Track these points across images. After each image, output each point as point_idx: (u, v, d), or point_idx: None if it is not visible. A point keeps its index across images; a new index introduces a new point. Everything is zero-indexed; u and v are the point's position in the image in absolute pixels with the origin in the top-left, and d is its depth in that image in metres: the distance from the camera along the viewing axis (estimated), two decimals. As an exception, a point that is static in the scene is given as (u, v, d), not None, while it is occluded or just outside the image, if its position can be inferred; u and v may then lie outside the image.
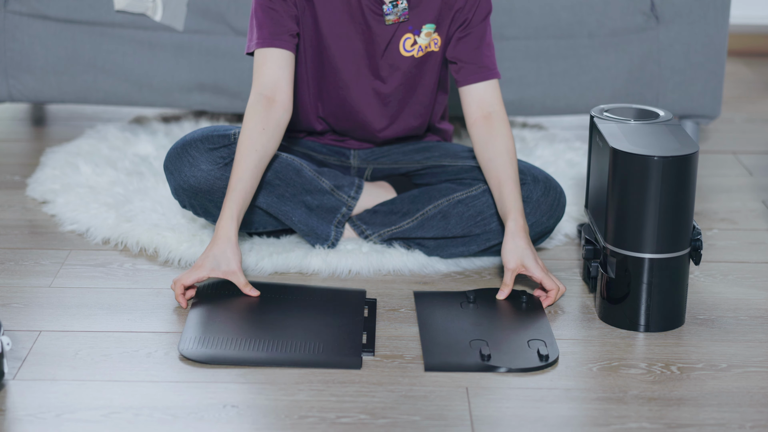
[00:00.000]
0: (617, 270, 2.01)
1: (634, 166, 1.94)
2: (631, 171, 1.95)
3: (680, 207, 1.96)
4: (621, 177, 1.97)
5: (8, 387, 1.80)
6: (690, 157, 1.95)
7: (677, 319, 2.03)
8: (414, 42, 2.23)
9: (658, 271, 1.98)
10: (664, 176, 1.93)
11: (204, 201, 2.21)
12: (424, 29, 2.22)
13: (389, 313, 2.08)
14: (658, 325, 2.01)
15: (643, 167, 1.94)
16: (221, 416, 1.73)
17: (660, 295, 1.99)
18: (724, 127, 3.19)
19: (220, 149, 2.19)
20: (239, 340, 1.94)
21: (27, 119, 3.15)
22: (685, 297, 2.03)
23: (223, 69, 2.82)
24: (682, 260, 2.00)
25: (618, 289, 2.01)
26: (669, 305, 2.01)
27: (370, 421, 1.73)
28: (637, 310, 2.01)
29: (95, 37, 2.81)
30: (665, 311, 2.01)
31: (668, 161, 1.93)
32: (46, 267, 2.24)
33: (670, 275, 1.99)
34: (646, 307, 2.00)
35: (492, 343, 1.95)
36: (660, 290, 1.99)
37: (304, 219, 2.26)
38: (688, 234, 1.99)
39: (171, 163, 2.21)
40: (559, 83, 2.83)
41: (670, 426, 1.73)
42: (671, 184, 1.94)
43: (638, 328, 2.01)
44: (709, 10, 2.78)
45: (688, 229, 1.99)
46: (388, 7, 2.18)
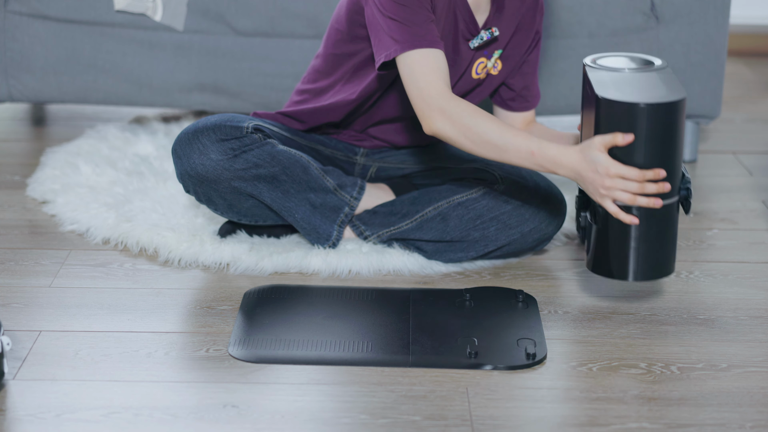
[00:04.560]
0: (606, 218, 1.97)
1: (620, 113, 1.90)
2: (617, 119, 1.91)
3: (668, 155, 1.92)
4: (607, 125, 1.92)
5: (8, 387, 1.80)
6: (677, 104, 1.90)
7: (665, 268, 1.99)
8: (485, 66, 2.24)
9: (646, 219, 1.94)
10: (651, 123, 1.89)
11: (209, 189, 2.21)
12: (495, 54, 2.24)
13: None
14: (646, 273, 1.97)
15: (629, 115, 1.90)
16: (221, 416, 1.74)
17: (648, 244, 1.95)
18: (724, 127, 3.19)
19: (232, 141, 2.19)
20: (288, 341, 1.96)
21: (27, 119, 3.15)
22: (674, 246, 1.99)
23: (223, 69, 2.82)
24: (671, 208, 1.95)
25: (607, 238, 1.98)
26: (657, 254, 1.97)
27: (370, 421, 1.73)
28: (626, 259, 1.96)
29: (95, 37, 2.81)
30: (654, 260, 1.97)
31: (654, 108, 1.89)
32: (46, 267, 2.24)
33: (659, 223, 1.95)
34: (635, 256, 1.96)
35: (481, 340, 1.96)
36: (648, 238, 1.95)
37: (307, 217, 2.26)
38: (677, 182, 1.95)
39: (180, 147, 2.20)
40: (559, 83, 2.83)
41: (670, 426, 1.73)
42: (658, 132, 1.90)
43: (626, 276, 1.97)
44: (709, 10, 2.78)
45: (677, 176, 1.95)
46: (487, 35, 2.19)
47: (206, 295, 2.15)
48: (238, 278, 2.21)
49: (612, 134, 1.90)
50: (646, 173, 1.89)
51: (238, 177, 2.19)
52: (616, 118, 1.91)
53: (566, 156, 1.95)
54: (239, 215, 2.27)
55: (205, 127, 2.20)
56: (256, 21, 2.79)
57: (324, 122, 2.32)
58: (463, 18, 2.17)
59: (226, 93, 2.84)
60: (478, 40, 2.19)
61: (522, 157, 1.98)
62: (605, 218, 1.97)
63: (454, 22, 2.17)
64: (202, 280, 2.20)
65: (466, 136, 2.01)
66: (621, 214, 1.92)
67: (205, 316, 2.06)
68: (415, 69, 2.04)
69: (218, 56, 2.82)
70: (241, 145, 2.19)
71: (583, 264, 2.30)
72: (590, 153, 1.91)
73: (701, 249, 2.38)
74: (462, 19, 2.17)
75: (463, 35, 2.19)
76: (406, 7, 2.05)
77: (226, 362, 1.90)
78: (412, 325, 2.02)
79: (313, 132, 2.37)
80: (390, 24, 2.05)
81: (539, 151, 1.97)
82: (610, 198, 1.91)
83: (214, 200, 2.24)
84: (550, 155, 1.97)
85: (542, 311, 2.10)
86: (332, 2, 2.75)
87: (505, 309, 2.09)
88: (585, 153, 1.93)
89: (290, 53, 2.81)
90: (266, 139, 2.21)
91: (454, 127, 2.01)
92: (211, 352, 1.93)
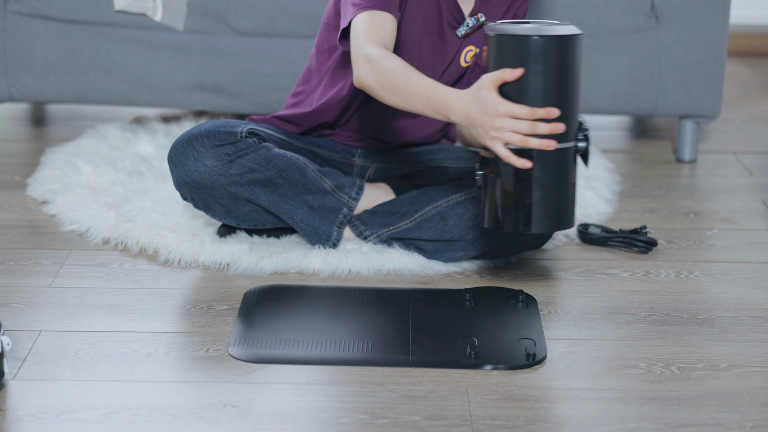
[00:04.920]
0: (498, 167, 1.89)
1: (509, 48, 1.83)
2: (507, 55, 1.83)
3: (561, 93, 1.84)
4: (497, 62, 1.85)
5: (8, 387, 1.80)
6: (569, 38, 1.83)
7: (563, 220, 1.92)
8: (474, 54, 2.24)
9: (540, 164, 1.86)
10: (541, 57, 1.82)
11: (205, 196, 2.21)
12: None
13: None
14: (542, 224, 1.90)
15: (519, 49, 1.82)
16: (221, 416, 1.74)
17: (543, 191, 1.87)
18: (724, 127, 3.19)
19: (226, 146, 2.19)
20: (288, 341, 1.96)
21: (27, 119, 3.15)
22: (573, 197, 1.92)
23: (223, 69, 2.82)
24: (567, 153, 1.88)
25: (500, 187, 1.91)
26: (554, 203, 1.89)
27: (370, 421, 1.73)
28: (521, 208, 1.89)
29: (95, 37, 2.81)
30: (550, 209, 1.89)
31: (545, 41, 1.81)
32: (46, 267, 2.24)
33: (554, 169, 1.87)
34: (530, 204, 1.88)
35: (481, 340, 1.96)
36: (542, 185, 1.87)
37: (306, 218, 2.26)
38: (572, 126, 1.88)
39: (176, 155, 2.21)
40: (559, 83, 2.83)
41: (670, 426, 1.73)
42: (550, 67, 1.82)
43: (522, 227, 1.90)
44: (709, 10, 2.78)
45: (572, 119, 1.86)
46: (472, 21, 2.19)
47: (206, 295, 2.15)
48: (238, 278, 2.21)
49: (500, 70, 1.82)
50: (537, 111, 1.81)
51: (234, 182, 2.19)
52: (506, 54, 1.84)
53: (457, 99, 1.87)
54: (237, 220, 2.27)
55: (199, 134, 2.20)
56: (256, 21, 2.79)
57: (319, 123, 2.33)
58: (447, 5, 2.17)
59: (226, 93, 2.84)
60: (465, 27, 2.19)
61: (422, 103, 1.90)
62: (498, 167, 1.89)
63: (437, 9, 2.17)
64: (202, 280, 2.20)
65: (380, 83, 1.95)
66: (512, 157, 1.83)
67: (205, 316, 2.06)
68: (358, 26, 2.03)
69: (218, 56, 2.82)
70: (236, 150, 2.19)
71: (583, 264, 2.30)
72: (479, 93, 1.84)
73: (701, 249, 2.39)
74: (446, 6, 2.17)
75: (449, 23, 2.19)
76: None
77: (226, 362, 1.90)
78: (412, 325, 2.02)
79: (309, 134, 2.37)
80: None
81: (434, 95, 1.89)
82: (501, 141, 1.83)
83: (212, 206, 2.23)
84: (443, 98, 1.88)
85: (542, 311, 2.10)
86: (332, 2, 2.75)
87: (505, 309, 2.09)
88: (474, 93, 1.84)
89: (290, 53, 2.81)
90: (261, 143, 2.21)
91: (372, 75, 1.96)
92: (211, 352, 1.93)
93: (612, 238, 2.37)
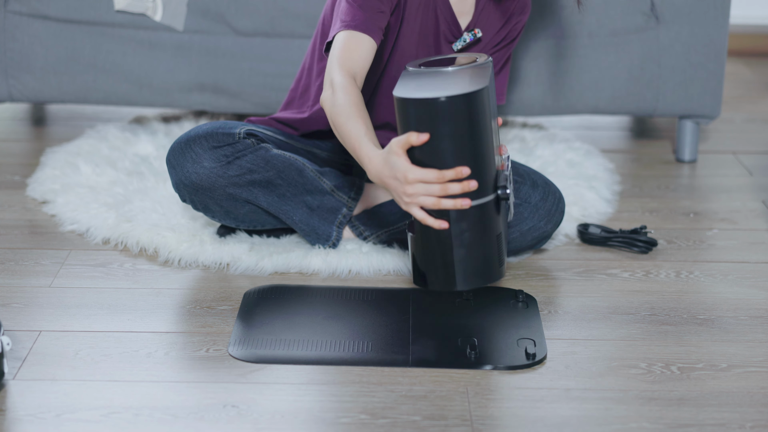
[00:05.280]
0: (420, 227, 1.86)
1: (413, 111, 1.79)
2: (412, 117, 1.79)
3: (471, 150, 1.80)
4: (404, 125, 1.82)
5: (8, 387, 1.80)
6: (469, 96, 1.78)
7: (490, 273, 1.88)
8: None
9: (457, 222, 1.82)
10: (443, 119, 1.77)
11: (204, 197, 2.21)
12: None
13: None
14: (468, 281, 1.87)
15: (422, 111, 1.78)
16: (221, 416, 1.74)
17: (465, 249, 1.84)
18: (724, 127, 3.19)
19: (224, 147, 2.19)
20: (288, 341, 1.96)
21: (27, 119, 3.15)
22: (499, 249, 1.89)
23: (223, 69, 2.82)
24: (485, 208, 1.84)
25: (423, 246, 1.87)
26: (478, 259, 1.86)
27: (370, 421, 1.73)
28: (445, 267, 1.86)
29: (95, 37, 2.81)
30: (475, 265, 1.86)
31: (445, 102, 1.76)
32: (46, 267, 2.24)
33: (474, 225, 1.84)
34: (453, 263, 1.85)
35: (481, 340, 1.96)
36: (463, 243, 1.84)
37: (305, 219, 2.26)
38: (488, 179, 1.84)
39: (174, 157, 2.21)
40: (559, 83, 2.83)
41: (670, 426, 1.73)
42: (455, 127, 1.78)
43: (448, 286, 1.87)
44: (709, 10, 2.78)
45: (487, 173, 1.83)
46: (470, 36, 2.19)
47: (206, 295, 2.15)
48: (238, 278, 2.21)
49: (407, 134, 1.79)
50: (446, 173, 1.79)
51: (232, 183, 2.19)
52: (410, 116, 1.80)
53: (372, 160, 1.86)
54: (237, 221, 2.27)
55: (197, 136, 2.20)
56: (256, 21, 2.79)
57: (315, 129, 2.33)
58: (444, 18, 2.17)
59: (226, 93, 2.84)
60: (461, 42, 2.20)
61: (350, 149, 1.90)
62: (419, 227, 1.87)
63: (435, 22, 2.17)
64: (202, 280, 2.20)
65: (330, 113, 1.96)
66: (429, 219, 1.81)
67: (205, 316, 2.06)
68: (338, 45, 2.04)
69: (218, 56, 2.82)
70: (234, 152, 2.19)
71: (583, 264, 2.30)
72: (390, 158, 1.81)
73: (701, 249, 2.39)
74: (443, 19, 2.17)
75: (445, 36, 2.19)
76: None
77: (226, 362, 1.90)
78: (412, 325, 2.02)
79: (307, 136, 2.37)
80: (344, 7, 2.08)
81: (358, 149, 1.88)
82: (416, 204, 1.82)
83: (211, 208, 2.23)
84: (361, 156, 1.88)
85: (542, 311, 2.10)
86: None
87: (505, 309, 2.09)
88: (386, 158, 1.82)
89: (290, 53, 2.81)
90: (260, 144, 2.21)
91: (329, 102, 1.97)
92: (211, 352, 1.93)
93: (612, 238, 2.37)
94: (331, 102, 1.97)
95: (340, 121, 1.93)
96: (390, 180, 1.83)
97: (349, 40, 2.04)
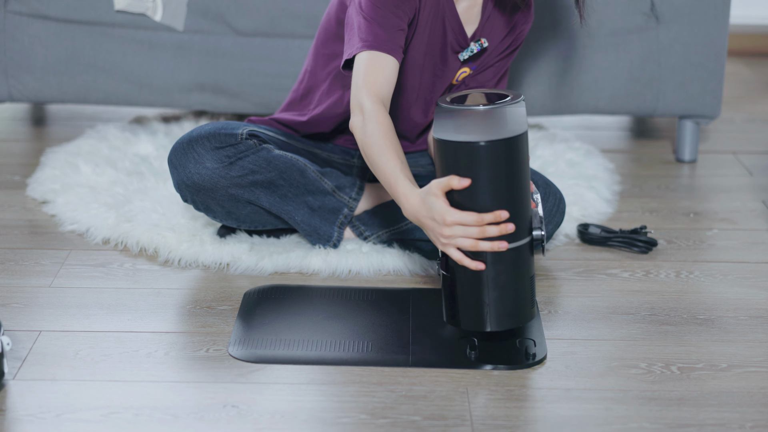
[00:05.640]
0: (455, 265, 1.87)
1: (455, 154, 1.80)
2: (453, 160, 1.81)
3: (510, 194, 1.81)
4: (445, 167, 1.82)
5: (8, 387, 1.80)
6: (513, 140, 1.79)
7: (522, 315, 1.88)
8: (466, 74, 2.24)
9: (494, 264, 1.83)
10: (486, 163, 1.78)
11: (206, 198, 2.21)
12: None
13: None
14: (501, 322, 1.87)
15: (465, 154, 1.79)
16: (221, 416, 1.74)
17: (499, 291, 1.85)
18: (724, 127, 3.19)
19: (227, 148, 2.19)
20: (288, 341, 1.96)
21: (27, 119, 3.15)
22: (531, 289, 1.88)
23: (223, 69, 2.82)
24: (521, 251, 1.85)
25: (457, 286, 1.88)
26: (511, 300, 1.86)
27: (370, 421, 1.73)
28: (478, 308, 1.86)
29: (95, 37, 2.81)
30: (508, 307, 1.87)
31: (490, 146, 1.78)
32: (46, 267, 2.24)
33: (509, 268, 1.84)
34: (487, 304, 1.86)
35: (481, 340, 1.96)
36: (498, 285, 1.84)
37: (306, 219, 2.26)
38: (524, 222, 1.84)
39: (176, 158, 2.20)
40: (559, 83, 2.83)
41: (670, 426, 1.73)
42: (496, 171, 1.79)
43: (480, 326, 1.88)
44: (709, 10, 2.78)
45: (524, 216, 1.84)
46: (477, 47, 2.19)
47: (206, 295, 2.15)
48: (238, 278, 2.21)
49: (448, 177, 1.80)
50: (485, 217, 1.80)
51: (234, 184, 2.19)
52: (452, 158, 1.81)
53: (408, 199, 1.86)
54: (238, 222, 2.27)
55: (200, 136, 2.19)
56: (256, 21, 2.79)
57: (316, 132, 2.33)
58: (452, 28, 2.17)
59: (226, 93, 2.84)
60: (468, 52, 2.19)
61: (384, 182, 1.91)
62: (453, 266, 1.87)
63: (442, 33, 2.17)
64: (202, 280, 2.20)
65: (361, 141, 1.96)
66: (465, 260, 1.82)
67: (205, 316, 2.06)
68: (361, 67, 2.01)
69: (218, 56, 2.82)
70: (237, 152, 2.19)
71: (583, 264, 2.30)
72: (428, 199, 1.82)
73: (701, 249, 2.39)
74: (451, 30, 2.17)
75: (452, 47, 2.19)
76: (380, 10, 2.03)
77: (226, 362, 1.90)
78: (412, 325, 2.02)
79: (308, 137, 2.37)
80: (362, 24, 2.04)
81: (394, 184, 1.88)
82: (453, 246, 1.83)
83: (213, 208, 2.23)
84: (398, 192, 1.88)
85: (542, 311, 2.10)
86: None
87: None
88: (424, 198, 1.83)
89: (290, 53, 2.81)
90: (262, 145, 2.21)
91: (360, 129, 1.96)
92: (211, 352, 1.93)
93: (612, 238, 2.37)
94: (362, 131, 1.96)
95: (373, 153, 1.93)
96: (427, 220, 1.83)
97: (374, 61, 2.02)
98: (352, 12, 2.08)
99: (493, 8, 2.20)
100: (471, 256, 1.83)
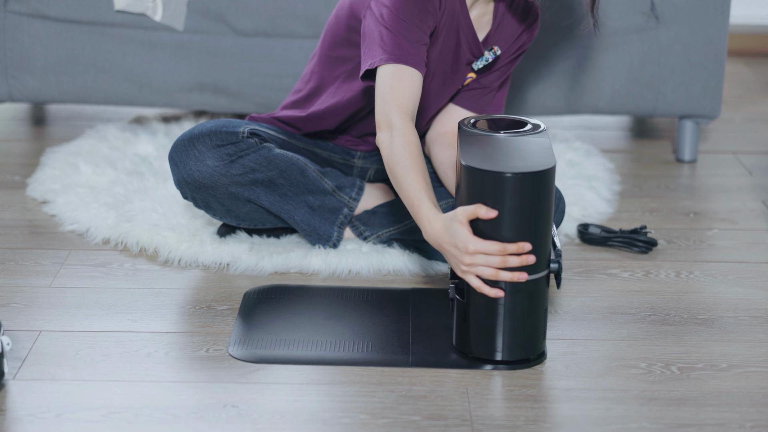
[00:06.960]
0: (471, 292, 1.86)
1: (484, 182, 1.79)
2: (481, 188, 1.80)
3: (534, 226, 1.81)
4: (471, 195, 1.82)
5: (8, 387, 1.80)
6: (543, 174, 1.79)
7: (534, 347, 1.89)
8: (471, 80, 2.24)
9: (511, 294, 1.83)
10: (515, 194, 1.78)
11: (206, 195, 2.21)
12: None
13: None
14: (512, 352, 1.87)
15: (493, 184, 1.79)
16: (221, 416, 1.74)
17: (514, 320, 1.85)
18: (724, 127, 3.19)
19: (228, 146, 2.19)
20: (288, 341, 1.96)
21: (27, 119, 3.15)
22: (544, 321, 1.89)
23: (223, 69, 2.82)
24: (539, 283, 1.85)
25: (471, 313, 1.88)
26: (525, 331, 1.87)
27: (370, 421, 1.73)
28: (492, 336, 1.86)
29: (95, 37, 2.81)
30: (521, 338, 1.87)
31: (519, 178, 1.78)
32: (46, 267, 2.24)
33: (526, 299, 1.85)
34: (501, 333, 1.86)
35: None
36: (514, 315, 1.84)
37: (306, 219, 2.26)
38: (545, 255, 1.84)
39: (177, 155, 2.20)
40: (559, 83, 2.83)
41: (670, 426, 1.73)
42: (523, 203, 1.79)
43: (491, 355, 1.88)
44: (709, 10, 2.78)
45: (545, 249, 1.84)
46: (491, 55, 2.18)
47: (206, 295, 2.15)
48: (238, 278, 2.21)
49: (475, 206, 1.79)
50: (508, 247, 1.79)
51: (235, 182, 2.19)
52: (479, 187, 1.80)
53: (431, 223, 1.85)
54: (238, 220, 2.27)
55: (201, 134, 2.19)
56: (256, 21, 2.79)
57: (318, 129, 2.33)
58: (466, 39, 2.16)
59: (226, 93, 2.84)
60: (483, 61, 2.19)
61: (407, 203, 1.90)
62: (469, 293, 1.87)
63: (456, 42, 2.16)
64: (202, 280, 2.20)
65: (387, 158, 1.95)
66: (484, 288, 1.82)
67: (205, 316, 2.06)
68: (388, 81, 1.99)
69: (218, 56, 2.82)
70: (238, 150, 2.19)
71: (583, 264, 2.30)
72: (452, 226, 1.81)
73: (701, 249, 2.39)
74: (465, 40, 2.16)
75: (465, 57, 2.18)
76: (405, 23, 2.02)
77: (226, 362, 1.90)
78: (412, 325, 2.02)
79: (309, 136, 2.37)
80: (384, 34, 2.02)
81: (417, 207, 1.87)
82: (473, 274, 1.82)
83: (212, 206, 2.23)
84: (421, 216, 1.87)
85: (542, 311, 2.10)
86: (332, 2, 2.75)
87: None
88: (448, 225, 1.82)
89: (290, 53, 2.81)
90: (262, 144, 2.21)
91: (386, 146, 1.95)
92: (211, 352, 1.93)
93: (612, 238, 2.37)
94: (389, 148, 1.95)
95: (399, 171, 1.92)
96: (449, 247, 1.83)
97: (400, 75, 2.00)
98: (370, 22, 2.06)
99: (505, 12, 2.19)
100: (489, 283, 1.83)
